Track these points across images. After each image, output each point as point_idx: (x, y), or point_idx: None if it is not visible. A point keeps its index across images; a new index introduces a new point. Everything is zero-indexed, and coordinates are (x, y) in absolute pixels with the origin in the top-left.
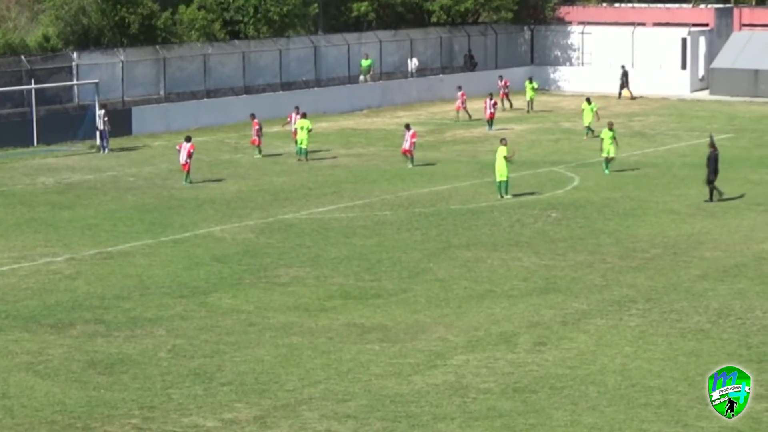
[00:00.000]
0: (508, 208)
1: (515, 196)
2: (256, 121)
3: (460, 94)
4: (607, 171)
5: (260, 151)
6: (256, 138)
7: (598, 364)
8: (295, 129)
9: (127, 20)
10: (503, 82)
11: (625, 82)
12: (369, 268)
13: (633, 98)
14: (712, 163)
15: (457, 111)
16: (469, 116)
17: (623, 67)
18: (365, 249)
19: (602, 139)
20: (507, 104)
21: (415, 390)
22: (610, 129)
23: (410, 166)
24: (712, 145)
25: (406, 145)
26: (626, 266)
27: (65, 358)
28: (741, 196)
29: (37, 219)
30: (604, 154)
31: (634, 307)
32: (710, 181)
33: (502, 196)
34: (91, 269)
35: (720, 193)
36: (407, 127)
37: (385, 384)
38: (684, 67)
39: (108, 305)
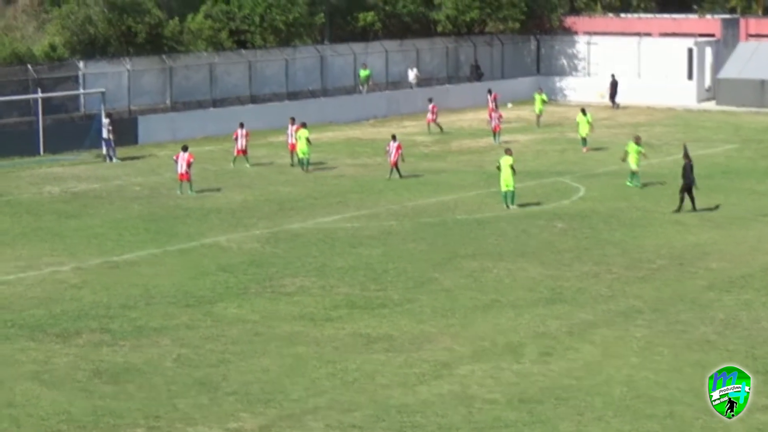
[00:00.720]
0: (514, 218)
1: (521, 206)
2: (237, 132)
3: (431, 106)
4: (629, 183)
5: (233, 161)
6: (240, 147)
7: (604, 375)
8: (294, 140)
9: (133, 29)
10: (492, 96)
11: (612, 91)
12: (375, 278)
13: (617, 107)
14: (688, 173)
15: (428, 124)
16: (441, 129)
17: (613, 75)
18: (371, 259)
19: (627, 152)
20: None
21: (421, 400)
22: (637, 143)
23: (389, 177)
24: (687, 155)
25: (393, 157)
26: (632, 277)
27: (71, 367)
28: (716, 208)
29: (44, 228)
30: (633, 167)
31: (640, 318)
32: (685, 191)
33: (508, 207)
34: (97, 278)
35: (693, 207)
36: (393, 137)
37: (391, 394)
38: (690, 77)
39: (114, 314)
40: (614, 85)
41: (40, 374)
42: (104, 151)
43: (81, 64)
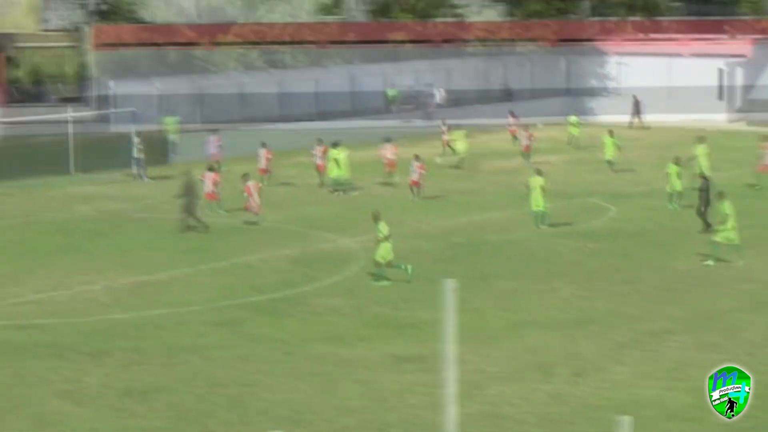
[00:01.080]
0: (545, 238)
1: (551, 226)
2: (258, 152)
3: (444, 128)
4: (671, 206)
5: (261, 180)
6: (261, 167)
7: (635, 396)
8: (324, 160)
9: (164, 49)
10: (513, 118)
11: (636, 111)
12: (405, 297)
13: (644, 127)
14: (704, 193)
15: (445, 146)
16: (444, 151)
17: (635, 96)
18: (401, 278)
19: (668, 173)
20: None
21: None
22: (677, 164)
23: (415, 199)
24: (703, 175)
25: (415, 176)
26: (663, 297)
27: (101, 385)
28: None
29: (74, 247)
30: (670, 189)
31: (671, 339)
32: (702, 213)
33: (538, 227)
34: (128, 297)
35: (708, 225)
36: (416, 157)
37: (422, 414)
38: (721, 97)
39: (144, 333)
40: (637, 105)
41: (71, 393)
42: (135, 170)
43: (112, 84)
